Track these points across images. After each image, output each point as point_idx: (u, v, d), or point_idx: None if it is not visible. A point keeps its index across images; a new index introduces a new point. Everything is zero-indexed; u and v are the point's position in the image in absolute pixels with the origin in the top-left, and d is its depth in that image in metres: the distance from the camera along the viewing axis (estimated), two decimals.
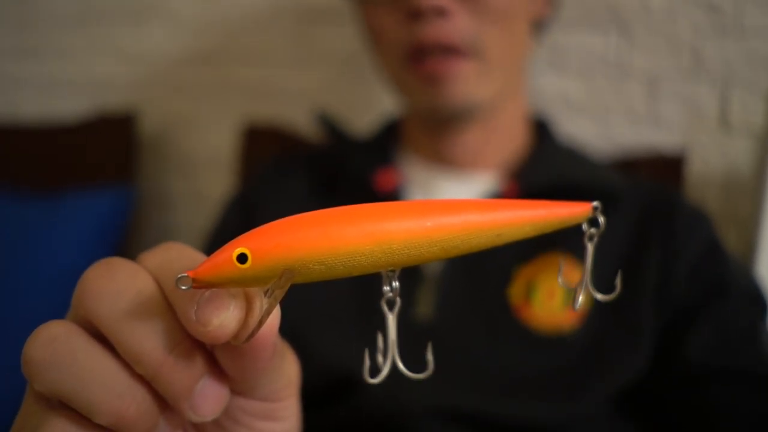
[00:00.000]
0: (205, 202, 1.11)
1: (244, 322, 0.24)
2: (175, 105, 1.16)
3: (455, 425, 0.59)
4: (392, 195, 0.71)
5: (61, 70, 1.19)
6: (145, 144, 1.14)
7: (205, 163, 1.15)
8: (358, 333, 0.64)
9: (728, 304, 0.62)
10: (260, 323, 0.24)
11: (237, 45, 1.12)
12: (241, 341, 0.24)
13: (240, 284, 0.23)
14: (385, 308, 0.27)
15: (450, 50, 0.63)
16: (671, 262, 0.65)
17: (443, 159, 0.74)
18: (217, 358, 0.27)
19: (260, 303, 0.24)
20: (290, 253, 0.22)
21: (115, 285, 0.26)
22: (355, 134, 0.81)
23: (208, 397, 0.27)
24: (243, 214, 0.77)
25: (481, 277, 0.66)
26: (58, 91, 1.20)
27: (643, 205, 0.70)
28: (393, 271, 0.26)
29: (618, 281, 0.30)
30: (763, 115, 0.92)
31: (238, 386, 0.29)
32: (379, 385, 0.62)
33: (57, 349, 0.25)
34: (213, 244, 0.77)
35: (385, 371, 0.27)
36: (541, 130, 0.78)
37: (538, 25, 0.75)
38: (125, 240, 1.06)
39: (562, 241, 0.67)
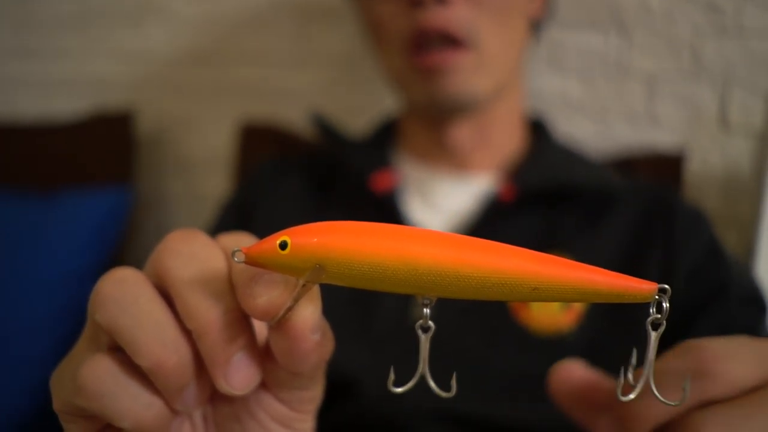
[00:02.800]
0: (203, 203, 1.11)
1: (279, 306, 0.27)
2: (172, 105, 1.15)
3: (453, 427, 0.59)
4: (388, 196, 0.71)
5: (59, 70, 1.19)
6: (142, 144, 1.14)
7: (202, 163, 1.15)
8: (356, 336, 0.63)
9: (728, 305, 0.62)
10: (289, 308, 0.27)
11: (235, 45, 1.12)
12: (274, 320, 0.27)
13: (279, 268, 0.26)
14: (420, 332, 0.28)
15: (448, 40, 0.64)
16: (670, 264, 0.65)
17: (440, 157, 0.74)
18: (270, 340, 0.29)
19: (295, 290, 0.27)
20: (323, 251, 0.25)
21: (191, 248, 0.29)
22: (351, 135, 0.80)
23: (242, 370, 0.29)
24: (239, 216, 0.77)
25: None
26: (56, 91, 1.19)
27: (642, 206, 0.70)
28: (428, 299, 0.27)
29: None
30: (762, 115, 0.92)
31: (276, 376, 0.31)
32: (376, 388, 0.62)
33: (124, 288, 0.28)
34: None
35: (411, 383, 0.28)
36: (538, 131, 0.78)
37: (534, 25, 0.75)
38: (123, 240, 1.06)
39: (561, 243, 0.67)
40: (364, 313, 0.65)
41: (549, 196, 0.69)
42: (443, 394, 0.29)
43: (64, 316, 0.93)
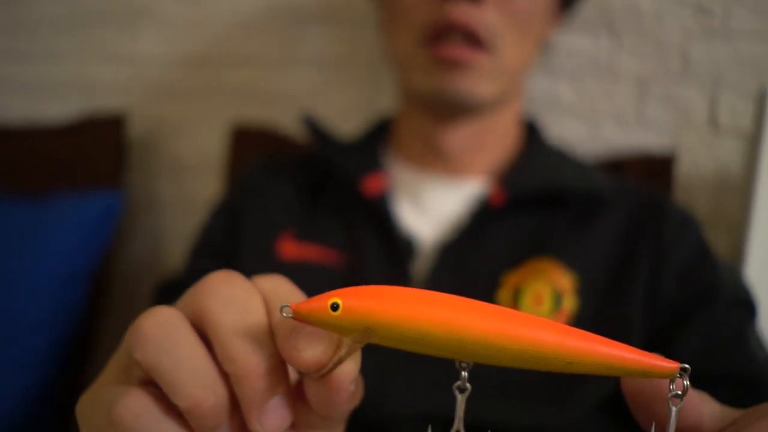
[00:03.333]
0: (195, 206, 1.11)
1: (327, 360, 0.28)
2: (164, 108, 1.15)
3: (437, 430, 0.59)
4: (379, 200, 0.71)
5: (51, 72, 1.19)
6: (134, 147, 1.13)
7: (194, 166, 1.15)
8: None
9: (717, 308, 0.62)
10: (337, 363, 0.28)
11: (226, 48, 1.11)
12: (319, 374, 0.28)
13: (327, 327, 0.27)
14: (457, 392, 0.30)
15: (471, 38, 0.66)
16: (660, 267, 0.65)
17: (432, 160, 0.74)
18: (306, 387, 0.30)
19: (343, 347, 0.28)
20: (373, 317, 0.26)
21: (232, 292, 0.30)
22: (342, 137, 0.80)
23: (277, 413, 0.29)
24: (229, 219, 0.77)
25: (468, 282, 0.66)
26: (47, 94, 1.19)
27: (632, 208, 0.70)
28: (467, 363, 0.29)
29: None
30: (751, 116, 0.92)
31: (306, 419, 0.32)
32: (364, 394, 0.62)
33: (166, 330, 0.29)
34: (200, 249, 0.76)
35: None
36: (529, 133, 0.78)
37: (542, 46, 0.77)
38: (114, 244, 1.06)
39: (550, 247, 0.67)
40: None
41: (539, 200, 0.70)
42: None
43: (55, 319, 0.93)
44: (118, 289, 1.11)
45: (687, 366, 0.26)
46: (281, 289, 0.32)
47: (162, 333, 0.29)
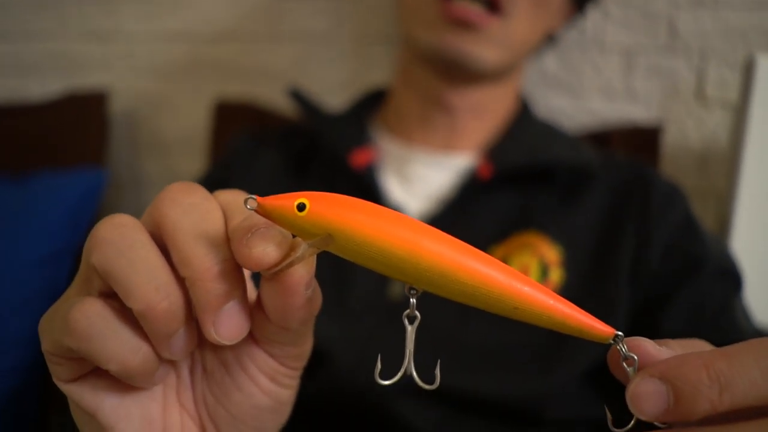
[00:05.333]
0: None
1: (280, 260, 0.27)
2: (146, 84, 1.14)
3: (426, 401, 0.59)
4: (366, 173, 0.70)
5: (32, 50, 1.17)
6: (116, 124, 1.12)
7: (178, 142, 1.14)
8: (329, 309, 0.63)
9: (703, 279, 0.63)
10: (290, 264, 0.28)
11: (209, 23, 1.10)
12: (270, 272, 0.28)
13: (288, 227, 0.27)
14: (406, 322, 0.29)
15: (490, 2, 0.65)
16: (646, 238, 0.65)
17: (424, 130, 0.74)
18: (261, 292, 0.30)
19: (299, 249, 0.27)
20: (337, 224, 0.26)
21: (191, 199, 0.30)
22: (330, 110, 0.80)
23: (232, 319, 0.29)
24: (215, 189, 0.76)
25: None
26: (29, 72, 1.17)
27: (618, 182, 0.70)
28: (415, 289, 0.28)
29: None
30: (738, 87, 0.92)
31: (266, 330, 0.32)
32: (348, 362, 0.62)
33: (122, 232, 0.28)
34: None
35: (398, 376, 0.29)
36: (520, 106, 0.78)
37: (548, 34, 0.77)
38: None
39: (537, 221, 0.67)
40: (339, 288, 0.65)
41: (527, 175, 0.69)
42: (427, 387, 0.29)
43: (39, 298, 0.92)
44: None
45: (620, 333, 0.27)
46: (240, 198, 0.31)
47: (118, 236, 0.28)
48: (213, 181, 0.77)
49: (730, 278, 0.64)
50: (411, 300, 0.28)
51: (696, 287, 0.62)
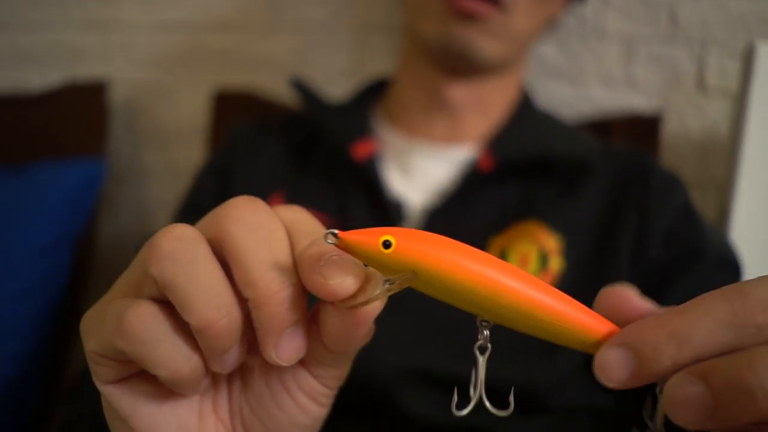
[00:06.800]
0: (178, 173, 1.09)
1: (357, 294, 0.27)
2: (146, 74, 1.14)
3: (427, 387, 0.59)
4: (368, 164, 0.71)
5: (32, 41, 1.16)
6: (116, 114, 1.12)
7: (178, 133, 1.14)
8: None
9: (702, 269, 0.63)
10: (368, 301, 0.27)
11: (208, 13, 1.10)
12: (346, 306, 0.28)
13: (370, 262, 0.27)
14: (477, 353, 0.29)
15: None
16: (645, 227, 0.65)
17: (427, 123, 0.74)
18: (323, 318, 0.30)
19: (378, 286, 0.27)
20: (424, 261, 0.26)
21: (255, 217, 0.29)
22: (332, 100, 0.79)
23: (293, 343, 0.29)
24: (218, 179, 0.76)
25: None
26: (28, 62, 1.17)
27: (618, 171, 0.70)
28: (488, 321, 0.28)
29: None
30: (738, 75, 0.92)
31: (317, 354, 0.31)
32: None
33: (184, 246, 0.28)
34: (187, 209, 0.76)
35: (471, 405, 0.29)
36: (521, 98, 0.78)
37: (549, 22, 0.77)
38: (98, 212, 1.05)
39: (537, 211, 0.67)
40: None
41: (528, 166, 0.69)
42: (498, 413, 0.29)
43: (38, 288, 0.93)
44: (103, 257, 1.10)
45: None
46: (303, 218, 0.31)
47: (180, 249, 0.28)
48: (214, 171, 0.77)
49: (730, 267, 0.64)
50: (484, 332, 0.29)
51: (695, 276, 0.62)
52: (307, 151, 0.76)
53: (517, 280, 0.27)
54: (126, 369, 0.30)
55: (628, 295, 0.28)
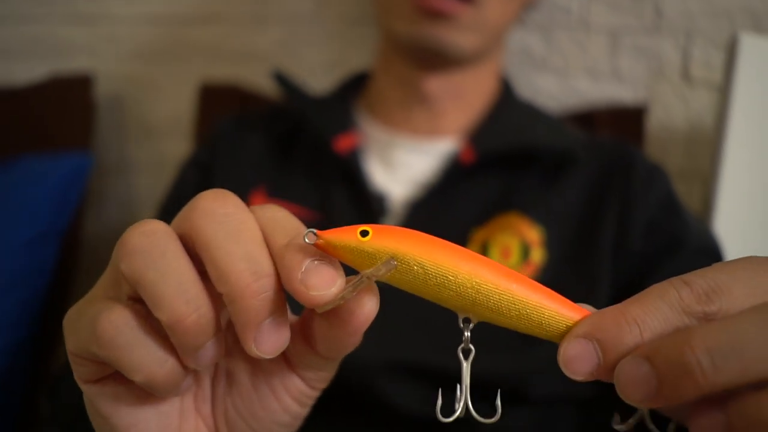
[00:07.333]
0: (165, 167, 1.09)
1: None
2: (132, 68, 1.13)
3: (411, 379, 0.59)
4: (350, 158, 0.71)
5: (17, 33, 1.16)
6: (102, 108, 1.11)
7: (164, 126, 1.13)
8: None
9: (684, 258, 0.63)
10: (344, 297, 0.27)
11: (193, 6, 1.09)
12: (324, 309, 0.28)
13: (350, 256, 0.27)
14: (461, 356, 0.29)
15: None
16: (627, 218, 0.65)
17: (407, 116, 0.74)
18: (316, 326, 0.30)
19: (357, 279, 0.27)
20: (401, 245, 0.27)
21: (225, 209, 0.29)
22: (314, 93, 0.79)
23: (273, 334, 0.28)
24: (201, 173, 0.76)
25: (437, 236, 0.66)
26: (13, 56, 1.16)
27: (601, 162, 0.70)
28: (469, 320, 0.28)
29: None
30: (723, 67, 0.92)
31: (304, 358, 0.32)
32: None
33: (153, 241, 0.28)
34: (170, 203, 0.76)
35: (458, 412, 0.29)
36: (502, 88, 0.78)
37: (526, 7, 0.77)
38: (84, 205, 1.04)
39: (518, 203, 0.67)
40: None
41: (509, 158, 0.69)
42: (485, 421, 0.29)
43: (24, 281, 0.92)
44: (89, 251, 1.09)
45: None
46: (279, 216, 0.30)
47: (148, 244, 0.28)
48: (197, 165, 0.77)
49: (711, 256, 0.65)
50: (465, 333, 0.29)
51: (677, 265, 0.62)
52: (290, 144, 0.76)
53: (492, 265, 0.27)
54: (104, 369, 0.30)
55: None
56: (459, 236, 0.66)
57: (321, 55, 1.07)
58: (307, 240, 0.27)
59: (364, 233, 0.27)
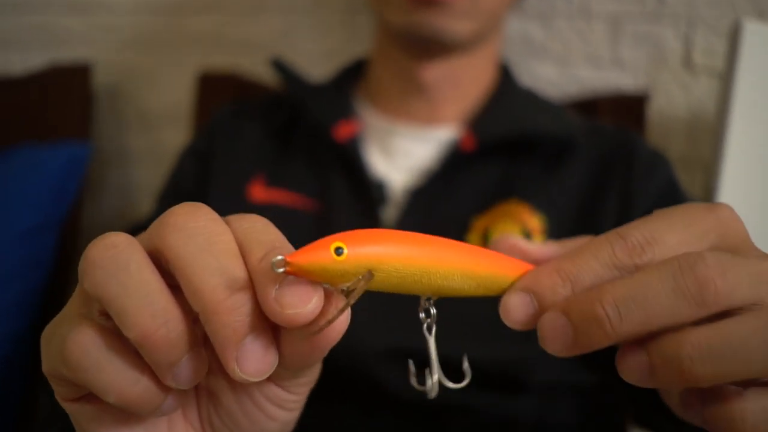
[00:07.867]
0: (163, 156, 1.09)
1: (318, 318, 0.26)
2: (130, 57, 1.13)
3: (405, 364, 0.59)
4: (350, 146, 0.70)
5: (15, 23, 1.15)
6: (100, 97, 1.11)
7: (162, 115, 1.13)
8: None
9: None
10: (331, 321, 0.26)
11: None
12: (309, 333, 0.26)
13: (328, 276, 0.25)
14: (426, 333, 0.31)
15: None
16: (628, 206, 0.65)
17: (405, 104, 0.73)
18: (282, 338, 0.28)
19: (338, 303, 0.26)
20: (379, 256, 0.26)
21: (196, 223, 0.27)
22: (313, 81, 0.79)
23: (256, 353, 0.26)
24: (199, 162, 0.75)
25: (438, 227, 0.66)
26: (11, 45, 1.16)
27: (602, 150, 0.70)
28: (430, 299, 0.30)
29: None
30: (725, 54, 0.92)
31: (278, 373, 0.30)
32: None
33: (114, 254, 0.26)
34: (168, 193, 0.75)
35: (433, 388, 0.30)
36: (502, 77, 0.77)
37: None
38: (82, 195, 1.04)
39: (519, 190, 0.67)
40: None
41: (510, 145, 0.69)
42: (455, 386, 0.31)
43: (23, 272, 0.92)
44: (88, 240, 1.09)
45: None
46: (257, 227, 0.28)
47: (109, 257, 0.26)
48: (195, 154, 0.77)
49: None
50: (431, 310, 0.30)
51: None
52: (289, 132, 0.76)
53: (461, 252, 0.29)
54: (81, 389, 0.29)
55: (516, 242, 0.33)
56: (459, 224, 0.66)
57: (320, 44, 1.06)
58: (278, 270, 0.24)
59: (339, 251, 0.25)
